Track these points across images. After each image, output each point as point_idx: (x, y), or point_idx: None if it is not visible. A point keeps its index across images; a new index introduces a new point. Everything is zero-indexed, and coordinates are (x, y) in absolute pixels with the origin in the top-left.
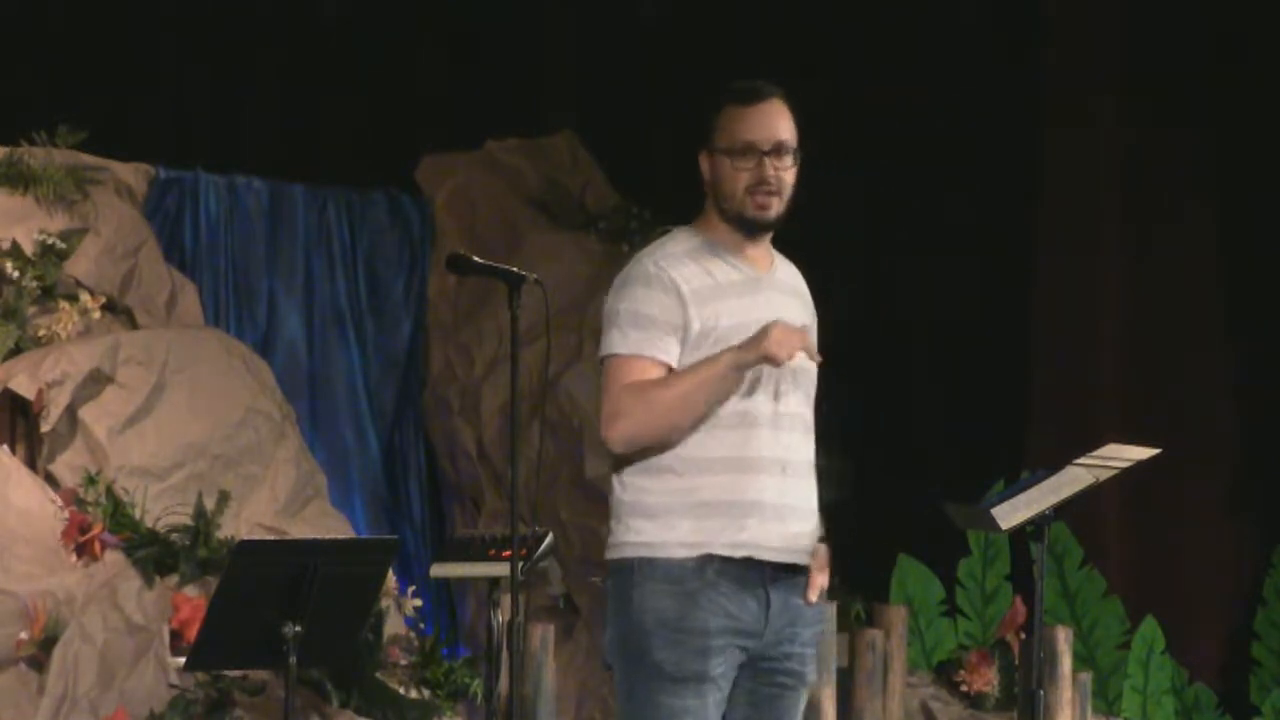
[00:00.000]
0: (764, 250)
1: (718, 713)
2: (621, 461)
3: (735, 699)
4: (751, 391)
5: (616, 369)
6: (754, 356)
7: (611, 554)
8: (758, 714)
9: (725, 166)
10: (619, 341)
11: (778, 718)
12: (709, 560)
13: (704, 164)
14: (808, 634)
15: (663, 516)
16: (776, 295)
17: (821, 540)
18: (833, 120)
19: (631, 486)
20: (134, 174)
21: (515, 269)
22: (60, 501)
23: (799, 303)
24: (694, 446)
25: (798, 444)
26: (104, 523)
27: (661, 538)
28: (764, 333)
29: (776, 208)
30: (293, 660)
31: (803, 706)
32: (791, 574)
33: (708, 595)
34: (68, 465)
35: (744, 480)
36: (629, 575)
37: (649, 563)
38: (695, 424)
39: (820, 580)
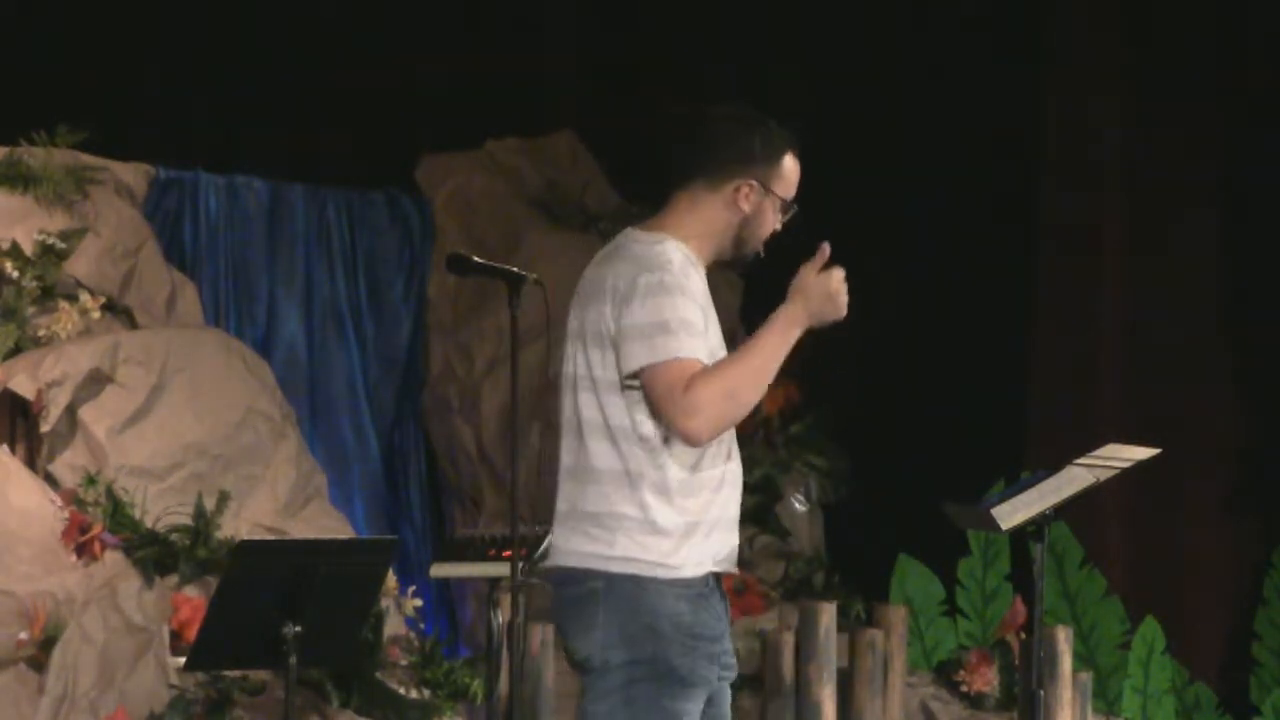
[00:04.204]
0: None
1: None
2: (620, 477)
3: None
4: None
5: (676, 371)
6: (825, 324)
7: (612, 567)
8: (712, 709)
9: (769, 211)
10: (675, 346)
11: (723, 708)
12: (708, 575)
13: (744, 193)
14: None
15: (671, 533)
16: (712, 310)
17: None
18: (832, 120)
19: (639, 503)
20: (134, 174)
21: (515, 269)
22: (60, 501)
23: None
24: (690, 468)
25: (739, 455)
26: (104, 523)
27: (672, 558)
28: (831, 293)
29: None
30: (293, 660)
31: None
32: None
33: (710, 602)
34: (68, 465)
35: (721, 497)
36: (637, 583)
37: (657, 580)
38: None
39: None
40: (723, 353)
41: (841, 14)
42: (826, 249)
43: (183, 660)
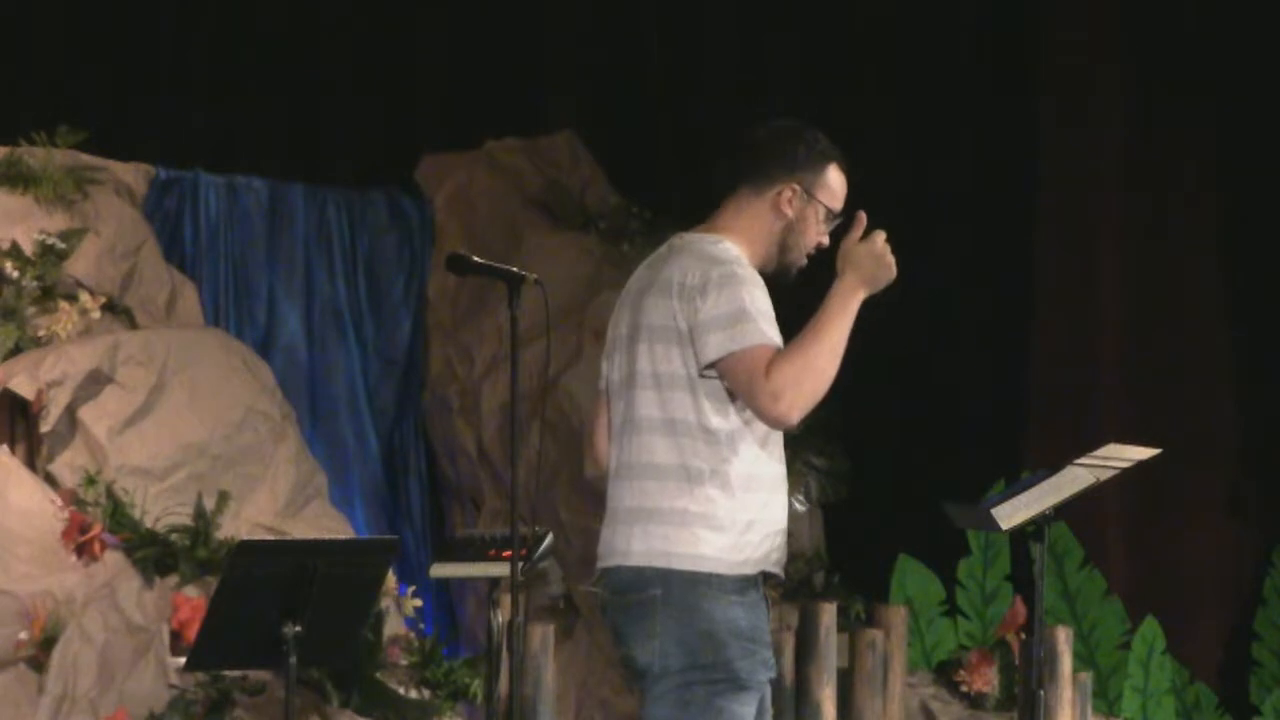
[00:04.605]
0: None
1: None
2: (680, 472)
3: None
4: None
5: (759, 357)
6: (881, 288)
7: (671, 563)
8: (760, 713)
9: (813, 219)
10: (757, 333)
11: (767, 703)
12: (759, 575)
13: (787, 197)
14: None
15: (730, 531)
16: None
17: None
18: (831, 120)
19: (701, 498)
20: (134, 174)
21: (515, 269)
22: (60, 501)
23: None
24: (751, 464)
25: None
26: (104, 523)
27: (732, 554)
28: (879, 255)
29: None
30: (293, 660)
31: None
32: None
33: (761, 608)
34: (68, 465)
35: (778, 498)
36: (692, 586)
37: (717, 576)
38: None
39: None
40: None
41: (841, 14)
42: (863, 217)
43: (183, 660)
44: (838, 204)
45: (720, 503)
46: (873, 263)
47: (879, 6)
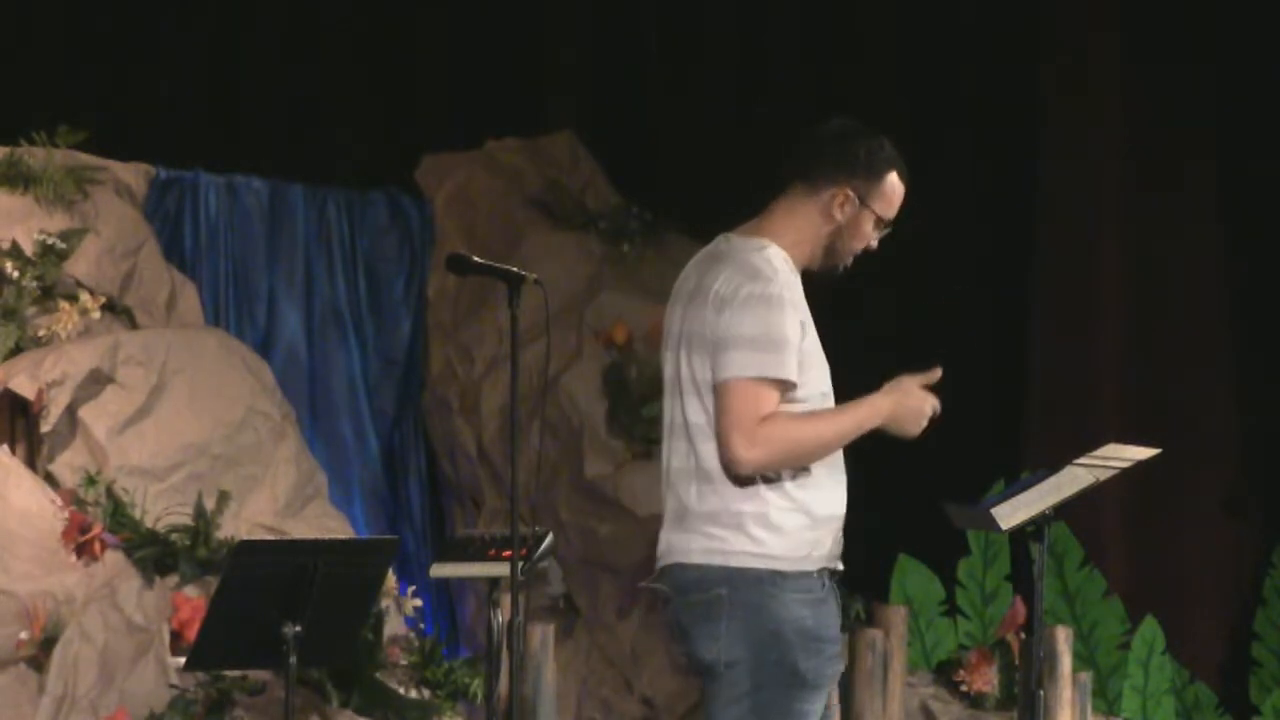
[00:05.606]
0: None
1: None
2: (735, 469)
3: None
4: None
5: (752, 391)
6: (894, 432)
7: (731, 562)
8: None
9: (865, 224)
10: (765, 364)
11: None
12: (824, 571)
13: (839, 201)
14: None
15: (788, 529)
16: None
17: None
18: (832, 117)
19: (757, 499)
20: (134, 174)
21: (515, 269)
22: (60, 501)
23: None
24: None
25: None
26: (104, 523)
27: (792, 551)
28: (920, 414)
29: None
30: (293, 660)
31: None
32: None
33: (828, 603)
34: (68, 465)
35: (837, 495)
36: (758, 585)
37: (781, 574)
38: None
39: None
40: (819, 353)
41: (839, 13)
42: (939, 373)
43: (183, 660)
44: (892, 212)
45: (774, 502)
46: (911, 412)
47: (880, 6)
